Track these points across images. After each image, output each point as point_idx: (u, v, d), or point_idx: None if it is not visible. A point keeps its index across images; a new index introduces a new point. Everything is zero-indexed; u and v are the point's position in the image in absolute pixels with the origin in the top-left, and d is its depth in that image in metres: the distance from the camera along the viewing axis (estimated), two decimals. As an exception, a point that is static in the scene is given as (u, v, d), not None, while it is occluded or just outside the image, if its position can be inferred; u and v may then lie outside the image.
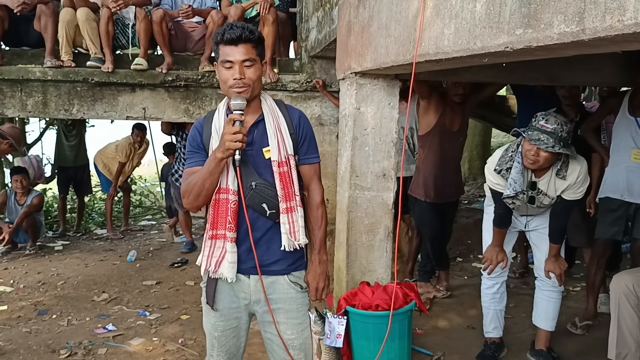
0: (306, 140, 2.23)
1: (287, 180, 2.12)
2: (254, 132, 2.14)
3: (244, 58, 2.02)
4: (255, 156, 2.12)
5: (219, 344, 2.27)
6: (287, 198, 2.12)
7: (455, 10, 2.01)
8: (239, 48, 2.02)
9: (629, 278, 3.15)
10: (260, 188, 2.10)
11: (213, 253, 2.16)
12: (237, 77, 2.02)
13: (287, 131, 2.16)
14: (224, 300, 2.22)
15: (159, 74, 4.90)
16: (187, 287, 5.22)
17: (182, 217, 6.54)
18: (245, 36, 2.02)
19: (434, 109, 4.42)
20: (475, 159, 9.93)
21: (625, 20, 1.28)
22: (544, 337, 3.51)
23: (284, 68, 5.21)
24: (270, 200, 2.11)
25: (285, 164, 2.13)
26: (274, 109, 2.18)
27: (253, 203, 2.11)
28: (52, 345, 3.88)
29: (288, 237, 2.14)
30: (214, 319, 2.25)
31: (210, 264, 2.16)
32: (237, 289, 2.21)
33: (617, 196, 3.75)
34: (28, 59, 5.12)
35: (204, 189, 2.06)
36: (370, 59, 2.97)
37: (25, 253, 6.44)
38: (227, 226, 2.10)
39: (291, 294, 2.22)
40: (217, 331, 2.26)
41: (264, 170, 2.12)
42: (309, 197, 2.28)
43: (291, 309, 2.22)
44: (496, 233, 3.37)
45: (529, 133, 2.95)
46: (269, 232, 2.16)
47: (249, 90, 2.05)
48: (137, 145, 7.38)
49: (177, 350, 3.81)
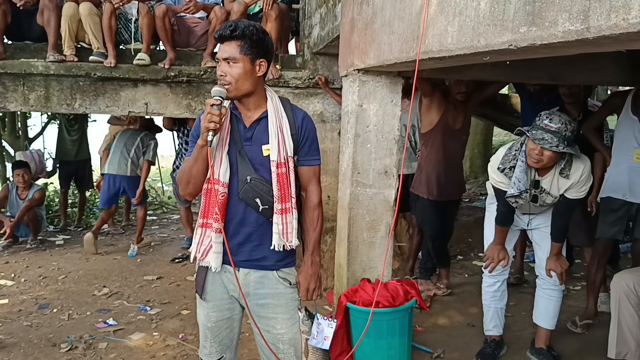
0: (307, 142, 2.23)
1: (284, 181, 2.13)
2: (255, 128, 2.15)
3: (225, 56, 2.06)
4: (254, 152, 2.14)
5: (212, 335, 2.30)
6: (283, 199, 2.13)
7: (459, 7, 2.01)
8: (224, 46, 2.07)
9: (629, 277, 3.15)
10: (254, 183, 2.11)
11: (202, 241, 2.19)
12: (219, 73, 2.07)
13: (288, 132, 2.17)
14: (217, 291, 2.25)
15: (161, 69, 4.90)
16: (188, 282, 5.23)
17: (183, 212, 6.54)
18: (227, 34, 2.05)
19: (436, 107, 4.41)
20: (476, 157, 9.92)
21: (630, 19, 1.28)
22: (544, 336, 3.51)
23: (287, 64, 5.21)
24: (264, 196, 2.12)
25: (284, 165, 2.13)
26: (278, 108, 2.19)
27: (246, 197, 2.12)
28: (53, 339, 3.89)
29: (280, 237, 2.16)
30: (207, 310, 2.27)
31: (199, 251, 2.20)
32: (227, 280, 2.24)
33: (618, 196, 3.74)
34: (31, 53, 5.13)
35: (191, 176, 2.12)
36: (374, 56, 2.97)
37: (26, 247, 6.45)
38: (214, 216, 2.13)
39: (280, 289, 2.23)
40: (209, 322, 2.28)
41: (261, 167, 2.13)
42: (306, 198, 2.28)
43: (280, 304, 2.24)
44: (498, 231, 3.37)
45: (533, 132, 2.95)
46: (261, 228, 2.18)
47: (231, 88, 2.07)
48: None
49: (177, 345, 3.82)
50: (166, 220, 8.53)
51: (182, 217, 6.66)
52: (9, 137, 9.91)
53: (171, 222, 8.30)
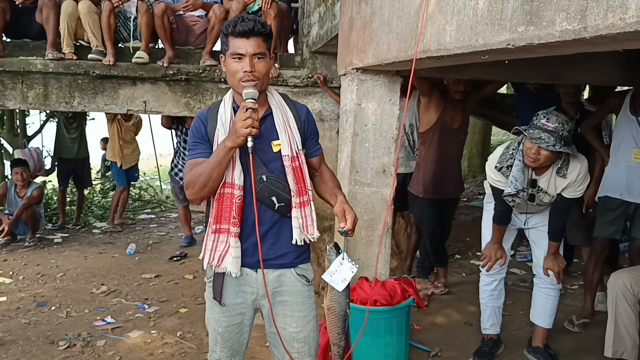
0: (312, 134, 2.26)
1: (299, 175, 2.12)
2: (261, 126, 2.10)
3: (256, 51, 2.01)
4: (264, 150, 2.11)
5: (223, 340, 2.25)
6: (301, 192, 2.12)
7: (457, 6, 2.02)
8: (250, 41, 2.00)
9: (626, 276, 3.17)
10: (271, 181, 2.09)
11: (217, 247, 2.13)
12: (248, 69, 2.00)
13: (295, 126, 2.16)
14: (229, 296, 2.19)
15: (160, 68, 4.90)
16: (186, 280, 5.23)
17: (182, 211, 6.54)
18: (258, 29, 2.01)
19: (434, 106, 4.42)
20: (475, 156, 9.93)
21: (627, 19, 1.29)
22: (541, 335, 3.52)
23: (285, 63, 5.21)
24: (280, 194, 2.10)
25: (297, 158, 2.12)
26: (281, 104, 2.18)
27: (262, 196, 2.09)
28: (51, 337, 3.90)
29: (300, 230, 2.14)
30: (219, 315, 2.22)
31: (213, 258, 2.13)
32: (244, 283, 2.19)
33: (616, 195, 3.76)
34: (29, 50, 5.13)
35: (210, 179, 2.03)
36: (372, 54, 2.97)
37: (24, 245, 6.45)
38: (232, 221, 2.08)
39: (298, 287, 2.21)
40: (221, 327, 2.23)
41: (272, 164, 2.11)
42: (322, 173, 2.32)
43: (297, 302, 2.21)
44: (495, 230, 3.37)
45: (530, 131, 2.96)
46: (275, 226, 2.15)
47: (258, 84, 2.03)
48: (124, 120, 7.30)
49: (175, 343, 3.82)
50: (164, 218, 8.53)
51: (180, 216, 6.67)
52: (7, 135, 9.90)
53: (169, 221, 8.30)
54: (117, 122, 7.20)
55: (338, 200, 2.18)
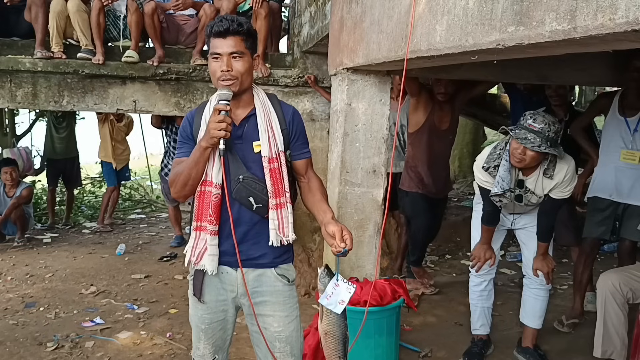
0: (299, 137, 2.24)
1: (277, 176, 2.12)
2: (244, 126, 2.13)
3: (231, 51, 2.03)
4: (245, 150, 2.12)
5: (206, 337, 2.28)
6: (277, 194, 2.13)
7: (447, 6, 2.01)
8: (227, 40, 2.03)
9: (615, 277, 3.18)
10: (247, 181, 2.10)
11: (197, 244, 2.17)
12: (224, 69, 2.02)
13: (278, 127, 2.16)
14: (211, 293, 2.23)
15: (150, 67, 4.88)
16: (176, 281, 5.21)
17: (172, 211, 6.52)
18: (233, 29, 2.02)
19: (423, 107, 4.42)
20: (465, 157, 9.95)
21: (616, 19, 1.29)
22: (530, 335, 3.53)
23: (276, 63, 5.20)
24: (258, 194, 2.11)
25: (276, 160, 2.12)
26: (266, 104, 2.18)
27: (239, 196, 2.11)
28: (39, 338, 3.86)
29: (276, 232, 2.15)
30: (201, 312, 2.26)
31: (193, 255, 2.18)
32: (225, 281, 2.21)
33: (605, 196, 3.78)
34: (18, 49, 5.07)
35: (190, 178, 2.08)
36: (362, 54, 2.97)
37: (13, 245, 6.39)
38: (208, 219, 2.12)
39: (278, 286, 2.22)
40: (203, 324, 2.27)
41: (253, 165, 2.12)
42: (309, 181, 2.28)
43: (278, 302, 2.22)
44: (484, 231, 3.38)
45: (517, 132, 2.97)
46: (256, 226, 2.16)
47: (236, 83, 2.05)
48: (116, 120, 7.27)
49: (164, 344, 3.80)
50: (154, 218, 8.49)
51: (170, 216, 6.64)
52: (-4, 135, 9.81)
53: (159, 221, 8.25)
54: (109, 122, 7.17)
55: (328, 217, 2.13)
